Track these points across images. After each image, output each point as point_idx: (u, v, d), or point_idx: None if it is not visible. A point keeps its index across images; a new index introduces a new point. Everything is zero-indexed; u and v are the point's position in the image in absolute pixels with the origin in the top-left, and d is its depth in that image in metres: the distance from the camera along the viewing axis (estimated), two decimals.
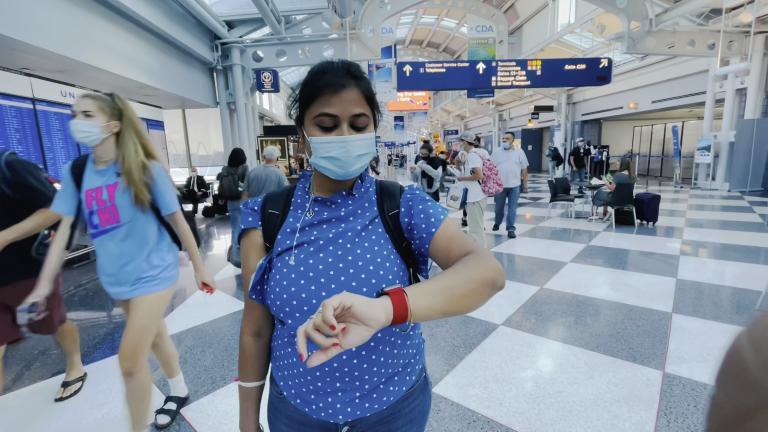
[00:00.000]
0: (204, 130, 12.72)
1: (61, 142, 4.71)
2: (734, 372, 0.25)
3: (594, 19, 11.83)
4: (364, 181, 0.80)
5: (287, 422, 0.78)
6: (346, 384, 0.71)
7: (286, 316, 0.72)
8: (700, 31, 9.57)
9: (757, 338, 0.24)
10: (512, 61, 9.75)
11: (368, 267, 0.70)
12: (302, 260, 0.72)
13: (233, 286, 4.07)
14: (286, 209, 0.78)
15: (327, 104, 0.68)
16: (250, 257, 0.78)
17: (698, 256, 4.54)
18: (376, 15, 8.42)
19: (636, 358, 2.41)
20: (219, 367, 2.46)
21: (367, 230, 0.75)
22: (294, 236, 0.75)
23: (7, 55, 4.35)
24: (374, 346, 0.72)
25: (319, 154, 0.71)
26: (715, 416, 0.26)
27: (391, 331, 0.74)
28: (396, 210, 0.77)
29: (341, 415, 0.72)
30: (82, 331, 3.10)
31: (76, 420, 2.01)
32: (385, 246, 0.74)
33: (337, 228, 0.74)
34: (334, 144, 0.69)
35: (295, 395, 0.75)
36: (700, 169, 11.27)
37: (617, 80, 12.91)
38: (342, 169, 0.71)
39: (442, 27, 20.54)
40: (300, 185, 0.81)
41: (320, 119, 0.69)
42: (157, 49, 6.59)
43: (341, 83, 0.68)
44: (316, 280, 0.70)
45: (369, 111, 0.73)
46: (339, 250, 0.72)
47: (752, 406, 0.23)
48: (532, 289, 3.63)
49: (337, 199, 0.76)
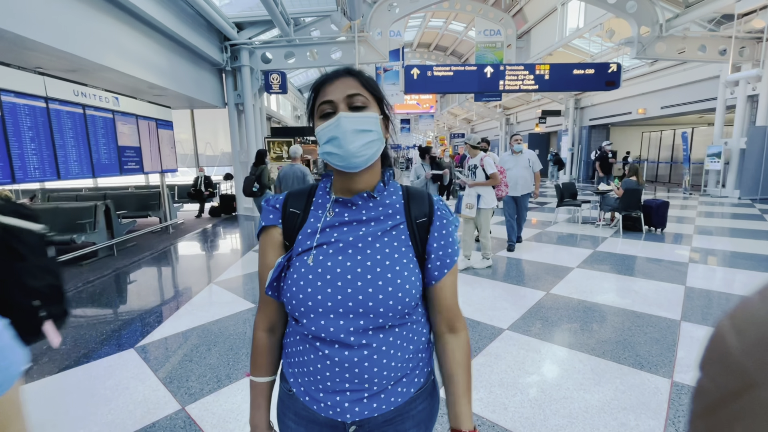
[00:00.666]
0: (212, 130, 12.85)
1: (73, 141, 4.77)
2: (717, 356, 0.25)
3: (603, 24, 11.78)
4: (387, 185, 0.79)
5: (295, 419, 0.79)
6: (355, 384, 0.72)
7: (301, 316, 0.72)
8: (711, 36, 9.48)
9: (739, 323, 0.25)
10: (520, 65, 9.73)
11: (386, 274, 0.71)
12: (321, 262, 0.72)
13: (239, 285, 4.09)
14: (307, 208, 0.79)
15: (324, 94, 0.74)
16: (268, 254, 0.79)
17: (707, 264, 4.48)
18: (384, 18, 8.45)
19: (643, 365, 2.38)
20: (224, 366, 2.48)
21: (390, 236, 0.75)
22: (314, 237, 0.75)
23: (22, 54, 4.43)
24: (386, 350, 0.72)
25: (322, 140, 0.74)
26: (699, 400, 0.27)
27: (403, 335, 0.74)
28: (425, 218, 0.77)
29: (349, 414, 0.72)
30: (89, 327, 3.14)
31: (83, 415, 2.03)
32: (405, 254, 0.74)
33: (357, 231, 0.75)
34: (331, 125, 0.72)
35: (305, 392, 0.76)
36: (710, 175, 11.15)
37: (626, 85, 12.83)
38: (341, 148, 0.71)
39: (449, 30, 20.59)
40: (321, 185, 0.82)
41: (321, 108, 0.74)
42: (168, 50, 6.67)
43: (337, 75, 0.75)
44: (333, 283, 0.71)
45: (369, 95, 0.75)
46: (358, 255, 0.73)
47: (735, 389, 0.23)
48: (538, 294, 3.60)
49: (358, 200, 0.76)
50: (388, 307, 0.70)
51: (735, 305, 0.26)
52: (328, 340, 0.71)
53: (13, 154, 3.94)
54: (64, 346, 2.79)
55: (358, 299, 0.70)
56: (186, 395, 2.18)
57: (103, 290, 4.08)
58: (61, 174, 4.57)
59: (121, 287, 4.25)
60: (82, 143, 4.94)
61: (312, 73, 16.19)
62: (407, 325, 0.75)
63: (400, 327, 0.74)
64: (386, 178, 0.80)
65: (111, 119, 5.52)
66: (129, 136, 5.94)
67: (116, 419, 1.99)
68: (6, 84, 3.88)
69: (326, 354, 0.71)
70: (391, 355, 0.73)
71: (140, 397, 2.18)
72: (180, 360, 2.57)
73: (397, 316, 0.72)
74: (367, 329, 0.71)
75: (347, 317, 0.70)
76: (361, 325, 0.70)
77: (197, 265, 5.24)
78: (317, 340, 0.72)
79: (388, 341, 0.72)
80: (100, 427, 1.94)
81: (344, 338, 0.70)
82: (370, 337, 0.71)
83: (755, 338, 0.23)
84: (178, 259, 5.49)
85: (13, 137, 3.96)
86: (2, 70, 3.86)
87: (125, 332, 3.02)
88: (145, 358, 2.61)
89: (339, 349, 0.71)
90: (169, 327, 3.09)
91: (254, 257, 5.23)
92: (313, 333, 0.72)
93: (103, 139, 5.34)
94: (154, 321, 3.22)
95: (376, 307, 0.70)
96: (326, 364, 0.72)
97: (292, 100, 15.96)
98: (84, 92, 5.00)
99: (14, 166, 3.95)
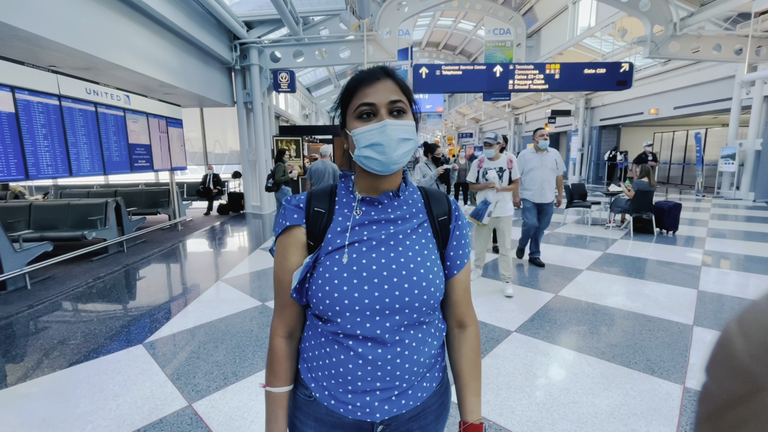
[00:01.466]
0: (221, 128, 12.93)
1: (85, 138, 4.84)
2: (724, 360, 0.25)
3: (615, 23, 11.60)
4: (408, 185, 0.81)
5: (315, 425, 0.77)
6: (386, 382, 0.72)
7: (335, 315, 0.71)
8: (726, 35, 9.28)
9: (746, 326, 0.24)
10: (530, 65, 9.63)
11: (419, 270, 0.73)
12: (355, 259, 0.72)
13: (246, 283, 4.11)
14: (331, 207, 0.78)
15: (364, 95, 0.72)
16: (290, 255, 0.76)
17: (721, 268, 4.39)
18: (393, 17, 8.43)
19: (654, 370, 2.34)
20: (231, 363, 2.49)
21: (417, 233, 0.77)
22: (345, 235, 0.74)
23: (36, 52, 4.50)
24: (416, 346, 0.74)
25: (361, 144, 0.72)
26: (705, 404, 0.27)
27: (430, 331, 0.76)
28: (445, 216, 0.80)
29: (378, 414, 0.73)
30: (99, 323, 3.18)
31: (92, 410, 2.05)
32: (432, 251, 0.77)
33: (387, 229, 0.75)
34: (375, 130, 0.71)
35: (329, 396, 0.74)
36: (724, 177, 10.92)
37: (638, 85, 12.63)
38: (384, 155, 0.71)
39: (458, 29, 20.46)
40: (342, 185, 0.81)
41: (360, 110, 0.73)
42: (178, 48, 6.73)
43: (376, 76, 0.73)
44: (370, 280, 0.71)
45: (406, 101, 0.75)
46: (391, 252, 0.74)
47: (741, 392, 0.23)
48: (547, 296, 3.56)
49: (384, 199, 0.76)
50: (422, 302, 0.72)
51: (742, 309, 0.26)
52: (362, 337, 0.71)
53: (26, 150, 4.00)
54: (75, 341, 2.83)
55: (394, 295, 0.71)
56: (193, 392, 2.19)
57: (113, 286, 4.13)
58: (73, 171, 4.63)
59: (131, 283, 4.30)
60: (94, 141, 5.00)
61: (320, 72, 16.22)
62: (434, 322, 0.78)
63: (428, 323, 0.76)
64: (406, 177, 0.81)
65: (122, 117, 5.58)
66: (139, 133, 6.00)
67: (124, 414, 2.01)
68: (20, 82, 3.94)
69: (359, 353, 0.71)
70: (420, 351, 0.74)
71: (148, 392, 2.19)
72: (187, 357, 2.59)
73: (429, 311, 0.75)
74: (401, 325, 0.72)
75: (383, 314, 0.71)
76: (397, 321, 0.72)
77: (205, 262, 5.28)
78: (350, 338, 0.72)
79: (417, 337, 0.74)
80: (108, 422, 1.96)
81: (380, 335, 0.71)
82: (402, 333, 0.72)
83: (762, 342, 0.23)
84: (187, 256, 5.53)
85: (27, 134, 4.02)
86: (17, 68, 3.91)
87: (134, 328, 3.05)
88: (153, 354, 2.63)
89: (372, 346, 0.71)
90: (177, 323, 3.11)
91: (262, 255, 5.26)
92: (347, 331, 0.71)
93: (114, 136, 5.40)
94: (162, 317, 3.25)
95: (411, 303, 0.72)
96: (358, 363, 0.71)
97: (301, 99, 16.01)
98: (96, 90, 5.07)
99: (28, 162, 4.01)
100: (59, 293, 3.88)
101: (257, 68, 8.64)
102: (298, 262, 0.75)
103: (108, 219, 5.45)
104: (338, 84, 17.65)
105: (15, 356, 2.65)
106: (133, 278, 4.46)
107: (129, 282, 4.33)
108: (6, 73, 3.80)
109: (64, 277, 4.42)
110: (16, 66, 3.91)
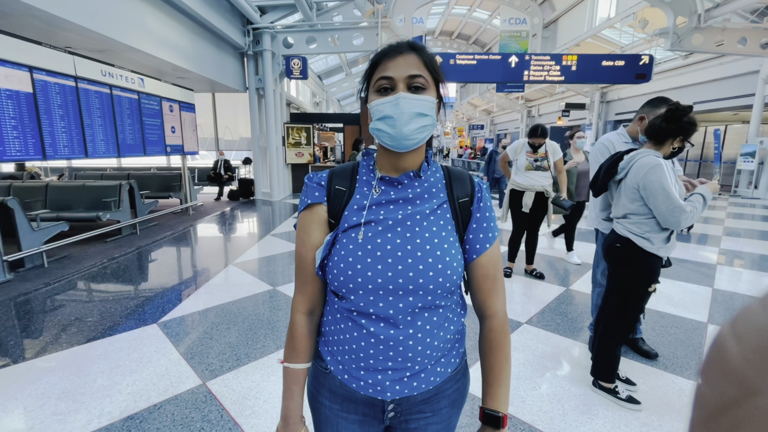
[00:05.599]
0: (232, 114, 12.94)
1: (100, 120, 4.87)
2: (718, 363, 0.25)
3: (636, 14, 11.27)
4: (430, 165, 0.79)
5: (330, 396, 0.78)
6: (398, 363, 0.72)
7: (348, 292, 0.72)
8: (753, 28, 8.96)
9: (740, 330, 0.24)
10: (546, 55, 9.42)
11: (435, 252, 0.71)
12: (370, 238, 0.72)
13: (256, 268, 4.15)
14: (352, 186, 0.78)
15: (385, 69, 0.71)
16: (312, 232, 0.77)
17: (735, 267, 4.31)
18: (408, 3, 8.27)
19: (668, 366, 2.32)
20: (243, 345, 2.52)
21: (436, 215, 0.75)
22: (362, 213, 0.74)
23: (53, 33, 4.51)
24: (430, 329, 0.73)
25: (374, 116, 0.73)
26: (699, 408, 0.26)
27: (447, 315, 0.75)
28: (467, 198, 0.77)
29: (389, 393, 0.73)
30: (114, 302, 3.24)
31: (109, 384, 2.10)
32: (451, 233, 0.75)
33: (405, 209, 0.74)
34: (388, 103, 0.70)
35: (343, 371, 0.76)
36: (742, 176, 10.67)
37: (656, 79, 12.31)
38: (394, 128, 0.70)
39: (473, 18, 20.07)
40: (364, 162, 0.81)
41: (378, 83, 0.72)
42: (192, 32, 6.70)
43: (399, 50, 0.72)
44: (384, 260, 0.70)
45: (429, 76, 0.72)
46: (407, 233, 0.72)
47: (734, 396, 0.23)
48: (558, 290, 3.53)
49: (404, 179, 0.75)
50: (437, 284, 0.70)
51: (736, 312, 0.26)
52: (374, 317, 0.71)
53: (44, 131, 4.05)
54: (91, 318, 2.89)
55: (408, 276, 0.70)
56: (206, 371, 2.23)
57: (126, 267, 4.20)
58: (88, 152, 4.68)
59: (144, 265, 4.36)
60: (109, 123, 5.04)
61: (332, 59, 16.08)
62: (450, 306, 0.76)
63: (444, 307, 0.74)
64: (428, 157, 0.79)
65: (136, 100, 5.61)
66: (153, 117, 6.03)
67: (140, 390, 2.06)
68: (38, 62, 3.96)
69: (371, 332, 0.71)
70: (434, 334, 0.73)
71: (163, 370, 2.24)
72: (200, 337, 2.63)
73: (445, 294, 0.72)
74: (415, 307, 0.71)
75: (397, 294, 0.70)
76: (410, 303, 0.70)
77: (216, 246, 5.33)
78: (363, 317, 0.72)
79: (432, 321, 0.73)
80: (125, 396, 2.00)
81: (393, 315, 0.70)
82: (416, 315, 0.71)
83: (756, 346, 0.23)
84: (198, 240, 5.60)
85: (45, 115, 4.06)
86: (34, 48, 3.94)
87: (148, 308, 3.10)
88: (168, 333, 2.68)
89: (385, 327, 0.71)
90: (190, 305, 3.16)
91: (272, 241, 5.29)
92: (360, 309, 0.71)
93: (128, 119, 5.44)
94: (175, 298, 3.30)
95: (425, 285, 0.70)
96: (370, 342, 0.71)
97: (312, 87, 15.91)
98: (111, 72, 5.08)
99: (45, 143, 4.06)
100: (75, 272, 3.96)
101: (270, 54, 8.58)
102: (320, 240, 0.76)
103: (122, 201, 5.53)
104: (350, 72, 17.49)
105: (33, 331, 2.72)
106: (146, 260, 4.53)
107: (142, 263, 4.40)
108: (24, 53, 3.82)
109: (80, 256, 4.50)
110: (33, 46, 3.93)
